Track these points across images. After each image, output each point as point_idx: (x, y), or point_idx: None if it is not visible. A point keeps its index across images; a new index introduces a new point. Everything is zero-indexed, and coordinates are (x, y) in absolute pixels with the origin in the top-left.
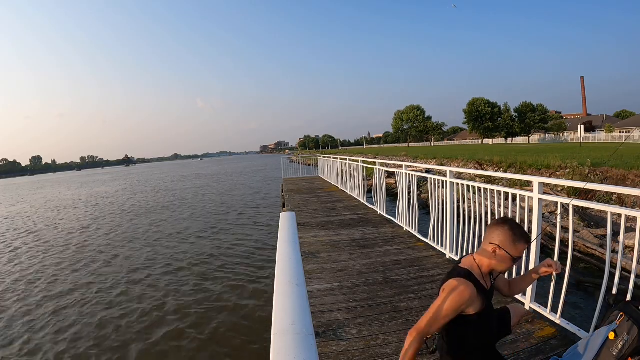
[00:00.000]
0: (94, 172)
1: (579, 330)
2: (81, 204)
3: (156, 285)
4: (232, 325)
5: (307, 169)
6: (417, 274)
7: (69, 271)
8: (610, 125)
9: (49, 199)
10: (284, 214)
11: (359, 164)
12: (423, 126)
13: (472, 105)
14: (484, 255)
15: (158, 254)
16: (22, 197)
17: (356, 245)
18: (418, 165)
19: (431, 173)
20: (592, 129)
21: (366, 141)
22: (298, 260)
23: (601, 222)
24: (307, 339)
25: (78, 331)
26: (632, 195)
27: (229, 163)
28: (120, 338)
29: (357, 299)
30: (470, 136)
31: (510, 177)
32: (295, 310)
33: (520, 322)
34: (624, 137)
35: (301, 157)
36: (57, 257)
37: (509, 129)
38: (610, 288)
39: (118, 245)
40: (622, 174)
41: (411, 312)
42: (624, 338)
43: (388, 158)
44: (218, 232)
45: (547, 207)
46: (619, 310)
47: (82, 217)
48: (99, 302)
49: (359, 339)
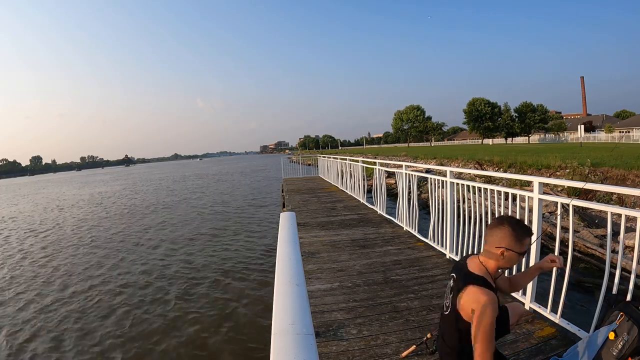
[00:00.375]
0: (94, 172)
1: (579, 330)
2: (85, 204)
3: (154, 284)
4: (232, 325)
5: (307, 169)
6: (417, 274)
7: (82, 268)
8: (610, 125)
9: (53, 197)
10: (284, 214)
11: (359, 164)
12: (423, 126)
13: (472, 105)
14: (490, 257)
15: (152, 255)
16: (24, 196)
17: (356, 245)
18: (418, 165)
19: (431, 173)
20: (592, 129)
21: (366, 141)
22: (298, 260)
23: (601, 222)
24: (307, 339)
25: (100, 332)
26: (632, 195)
27: (229, 163)
28: (119, 338)
29: (357, 299)
30: (470, 136)
31: (510, 177)
32: (295, 310)
33: (520, 321)
34: (624, 137)
35: (301, 157)
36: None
37: (509, 129)
38: (610, 288)
39: (122, 248)
40: (622, 174)
41: (411, 312)
42: (624, 338)
43: (388, 158)
44: (218, 232)
45: (547, 207)
46: (619, 310)
47: (87, 217)
48: (100, 302)
49: (359, 339)
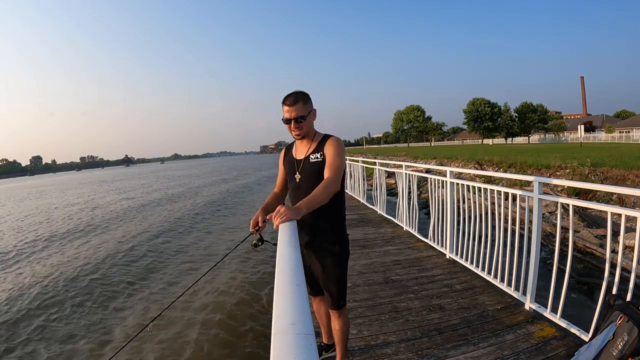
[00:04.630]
0: (93, 172)
1: (579, 330)
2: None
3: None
4: (232, 325)
5: None
6: (417, 274)
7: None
8: (610, 125)
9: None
10: None
11: (359, 164)
12: (423, 126)
13: (472, 105)
14: None
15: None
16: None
17: (356, 245)
18: (418, 165)
19: (431, 173)
20: (592, 129)
21: (366, 141)
22: (298, 260)
23: (601, 222)
24: (307, 339)
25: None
26: (632, 195)
27: (229, 163)
28: (118, 335)
29: (357, 299)
30: (470, 136)
31: (510, 177)
32: (295, 310)
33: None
34: (624, 137)
35: None
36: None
37: (509, 129)
38: (610, 288)
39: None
40: (622, 174)
41: (411, 312)
42: (624, 338)
43: (388, 158)
44: (217, 232)
45: (547, 207)
46: (619, 311)
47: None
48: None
49: (359, 339)
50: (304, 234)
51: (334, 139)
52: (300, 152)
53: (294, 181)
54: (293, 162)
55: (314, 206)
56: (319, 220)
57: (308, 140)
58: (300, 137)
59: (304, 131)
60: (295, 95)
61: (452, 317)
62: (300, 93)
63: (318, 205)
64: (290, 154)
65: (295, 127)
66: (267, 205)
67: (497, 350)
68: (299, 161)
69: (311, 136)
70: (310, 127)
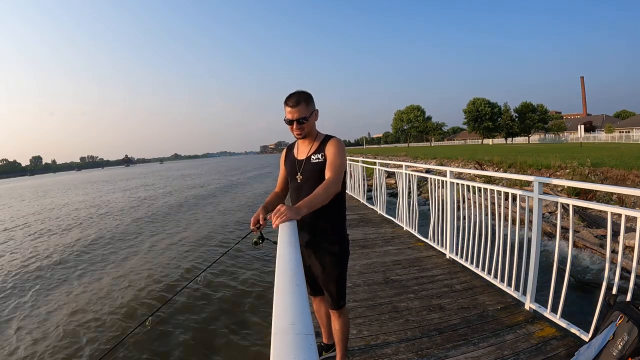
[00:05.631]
0: (93, 172)
1: (579, 330)
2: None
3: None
4: (231, 325)
5: None
6: (417, 274)
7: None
8: (610, 125)
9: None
10: None
11: (359, 164)
12: (423, 126)
13: (473, 105)
14: None
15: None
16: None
17: (356, 245)
18: (418, 165)
19: (431, 173)
20: (592, 129)
21: (366, 141)
22: (298, 260)
23: (601, 222)
24: (307, 339)
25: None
26: (632, 195)
27: (229, 163)
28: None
29: (357, 299)
30: (470, 136)
31: (510, 177)
32: (295, 310)
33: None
34: (624, 137)
35: None
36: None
37: (508, 129)
38: (610, 288)
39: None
40: (622, 174)
41: (411, 312)
42: (624, 338)
43: (388, 158)
44: (217, 231)
45: (547, 207)
46: (619, 311)
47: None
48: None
49: (359, 339)
50: (304, 233)
51: (335, 140)
52: (301, 153)
53: (295, 181)
54: (294, 163)
55: (314, 206)
56: (319, 220)
57: (310, 140)
58: (302, 137)
59: (306, 132)
60: (297, 95)
61: (452, 317)
62: (302, 93)
63: (318, 205)
64: (291, 154)
65: (297, 128)
66: (268, 204)
67: (497, 350)
68: (300, 161)
69: (313, 136)
70: (312, 128)
